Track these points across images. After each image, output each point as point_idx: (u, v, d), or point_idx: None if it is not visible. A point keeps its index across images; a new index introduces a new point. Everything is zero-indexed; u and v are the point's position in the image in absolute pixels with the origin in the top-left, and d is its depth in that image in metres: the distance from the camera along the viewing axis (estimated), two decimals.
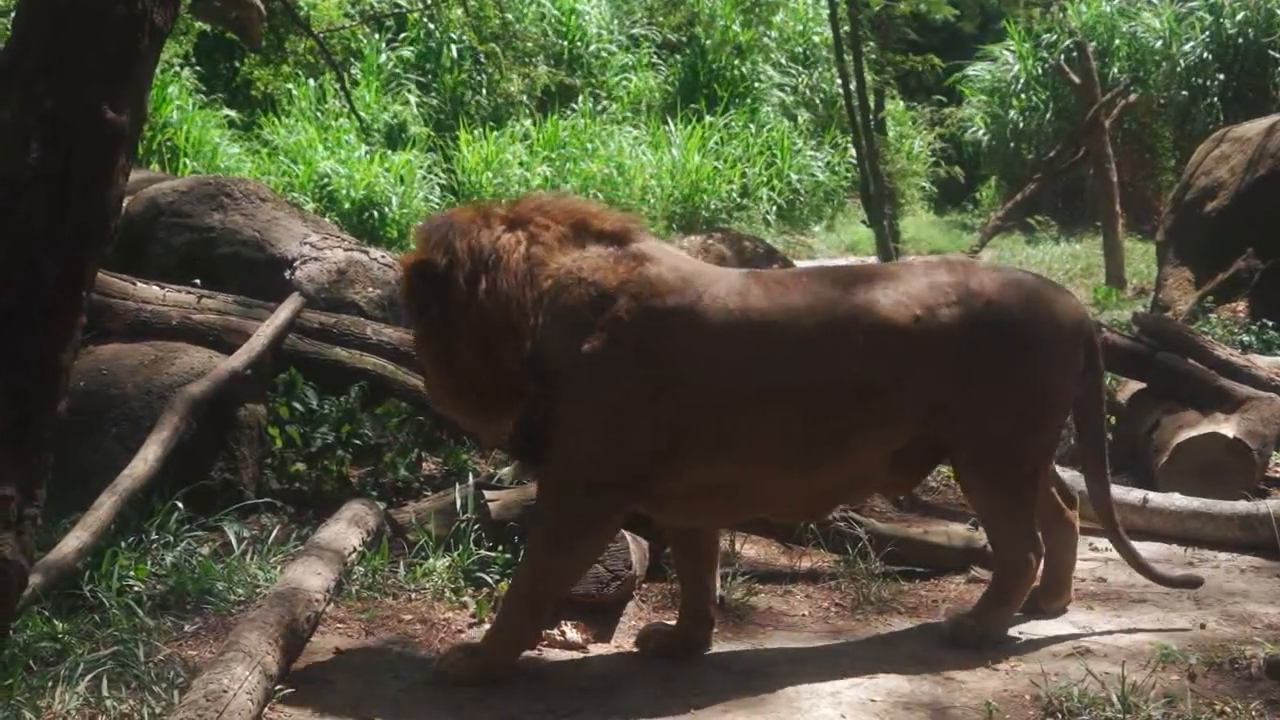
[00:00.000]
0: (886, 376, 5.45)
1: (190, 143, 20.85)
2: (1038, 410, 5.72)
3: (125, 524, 6.20)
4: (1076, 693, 4.93)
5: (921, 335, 5.46)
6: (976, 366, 5.51)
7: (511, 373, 5.34)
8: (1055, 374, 5.74)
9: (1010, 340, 5.57)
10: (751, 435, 5.36)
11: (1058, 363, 5.73)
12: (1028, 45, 24.94)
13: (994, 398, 5.57)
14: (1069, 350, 5.76)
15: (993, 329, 5.53)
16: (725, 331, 5.34)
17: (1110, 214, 17.23)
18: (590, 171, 22.36)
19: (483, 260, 5.39)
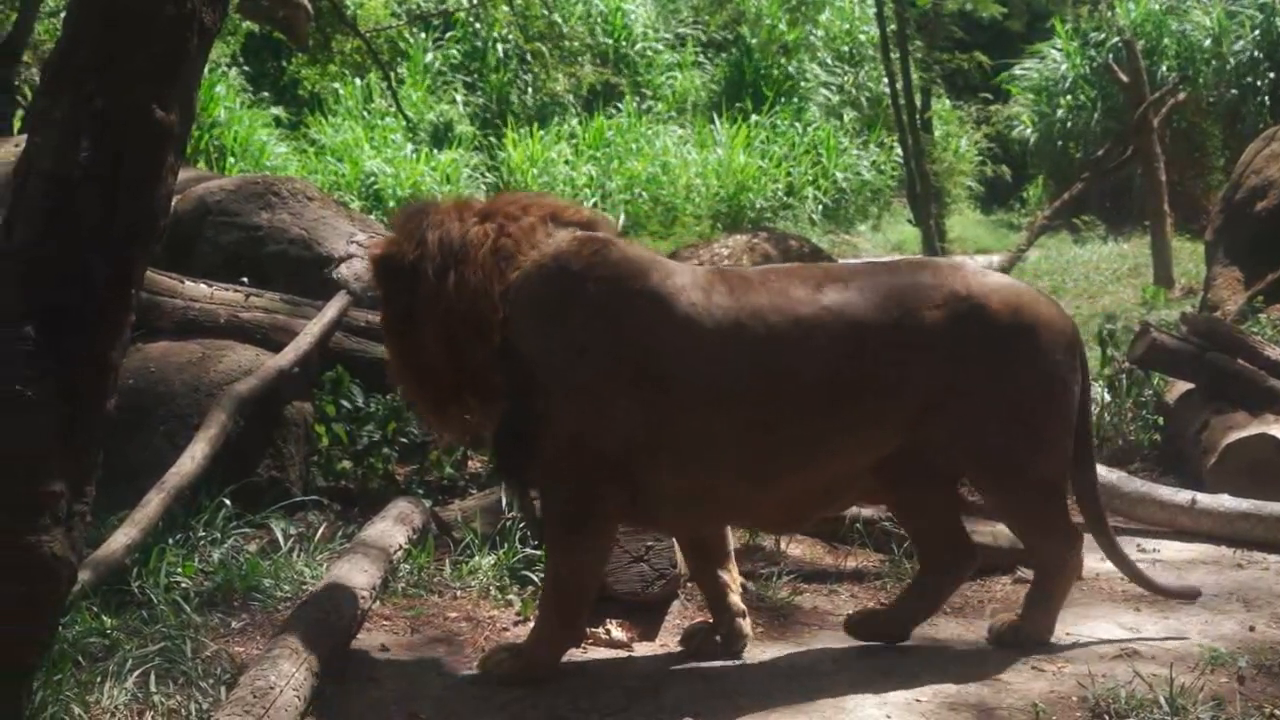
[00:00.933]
0: (862, 380, 5.31)
1: (237, 142, 20.98)
2: (1032, 415, 5.51)
3: (173, 521, 6.23)
4: (1124, 695, 4.90)
5: (903, 337, 5.33)
6: (964, 370, 5.38)
7: (477, 370, 5.33)
8: (1047, 378, 5.52)
9: (998, 343, 5.42)
10: (715, 436, 5.25)
11: (1049, 367, 5.51)
12: (1075, 43, 24.81)
13: (984, 402, 5.42)
14: (1061, 355, 5.53)
15: (981, 331, 5.39)
16: (688, 324, 5.23)
17: (1158, 213, 17.12)
18: (635, 170, 22.38)
19: (452, 253, 5.37)
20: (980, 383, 5.40)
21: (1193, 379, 8.47)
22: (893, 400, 5.34)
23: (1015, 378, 5.45)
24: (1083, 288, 17.25)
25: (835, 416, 5.29)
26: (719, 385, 5.22)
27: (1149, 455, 8.50)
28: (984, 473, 5.64)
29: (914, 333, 5.33)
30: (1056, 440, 5.59)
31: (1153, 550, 6.93)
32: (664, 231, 21.50)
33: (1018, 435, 5.47)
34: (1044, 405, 5.52)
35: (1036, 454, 5.53)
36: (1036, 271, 18.01)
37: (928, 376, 5.34)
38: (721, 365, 5.22)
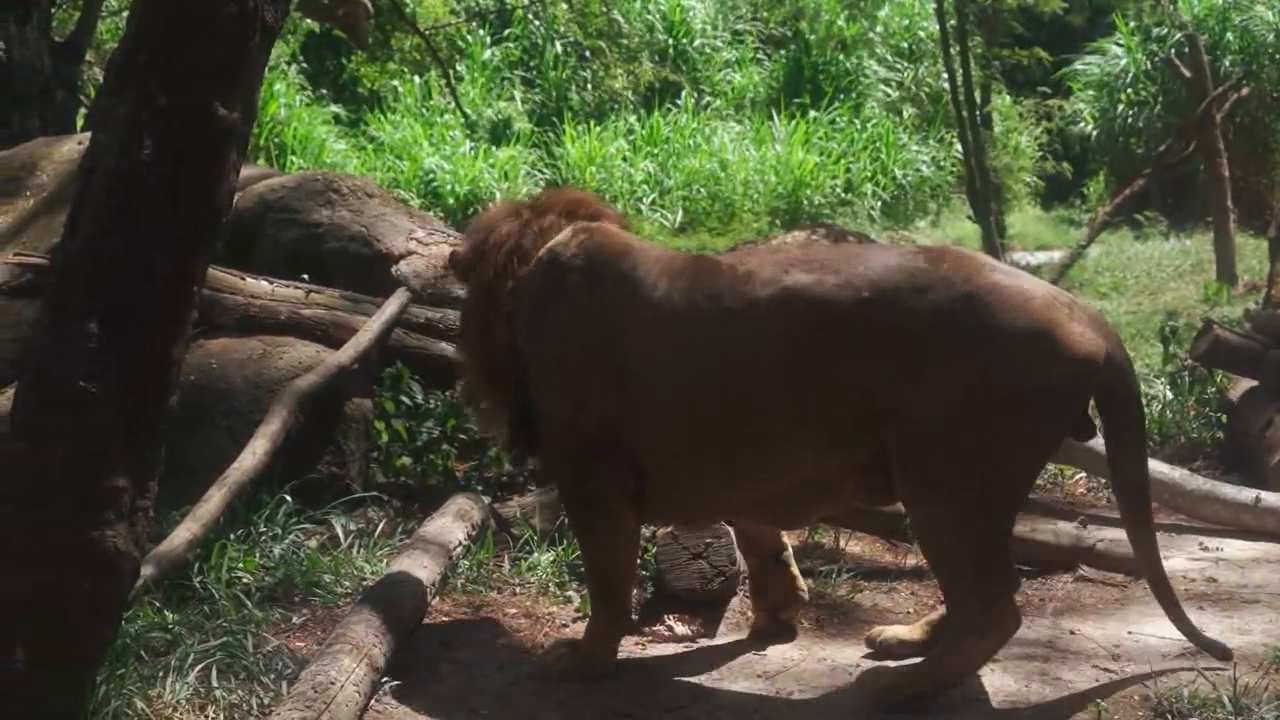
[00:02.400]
0: (820, 367, 4.93)
1: (297, 139, 21.10)
2: (1006, 441, 4.80)
3: (234, 517, 6.27)
4: (1187, 694, 4.86)
5: (867, 324, 4.87)
6: (932, 368, 4.81)
7: (496, 366, 5.47)
8: (1032, 407, 4.79)
9: (983, 349, 4.78)
10: (678, 423, 5.18)
11: (1040, 396, 4.78)
12: (1137, 39, 24.63)
13: (951, 412, 4.78)
14: (1062, 386, 4.79)
15: (964, 331, 4.78)
16: (649, 310, 5.18)
17: (1221, 209, 16.97)
18: (693, 167, 22.37)
19: (482, 254, 5.52)
20: (951, 384, 4.78)
21: (1256, 376, 8.39)
22: (854, 392, 4.89)
23: (993, 389, 4.76)
24: (1144, 284, 17.12)
25: (791, 405, 4.97)
26: (676, 371, 5.15)
27: (1211, 453, 8.44)
28: (932, 495, 4.91)
29: (883, 319, 4.86)
30: (1020, 476, 4.95)
31: (1215, 549, 6.87)
32: (722, 228, 21.48)
33: (983, 458, 4.79)
34: (1018, 440, 4.82)
35: (1000, 486, 4.86)
36: (1097, 268, 17.89)
37: (895, 370, 4.84)
38: (678, 351, 5.15)
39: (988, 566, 4.86)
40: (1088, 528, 6.80)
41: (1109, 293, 16.54)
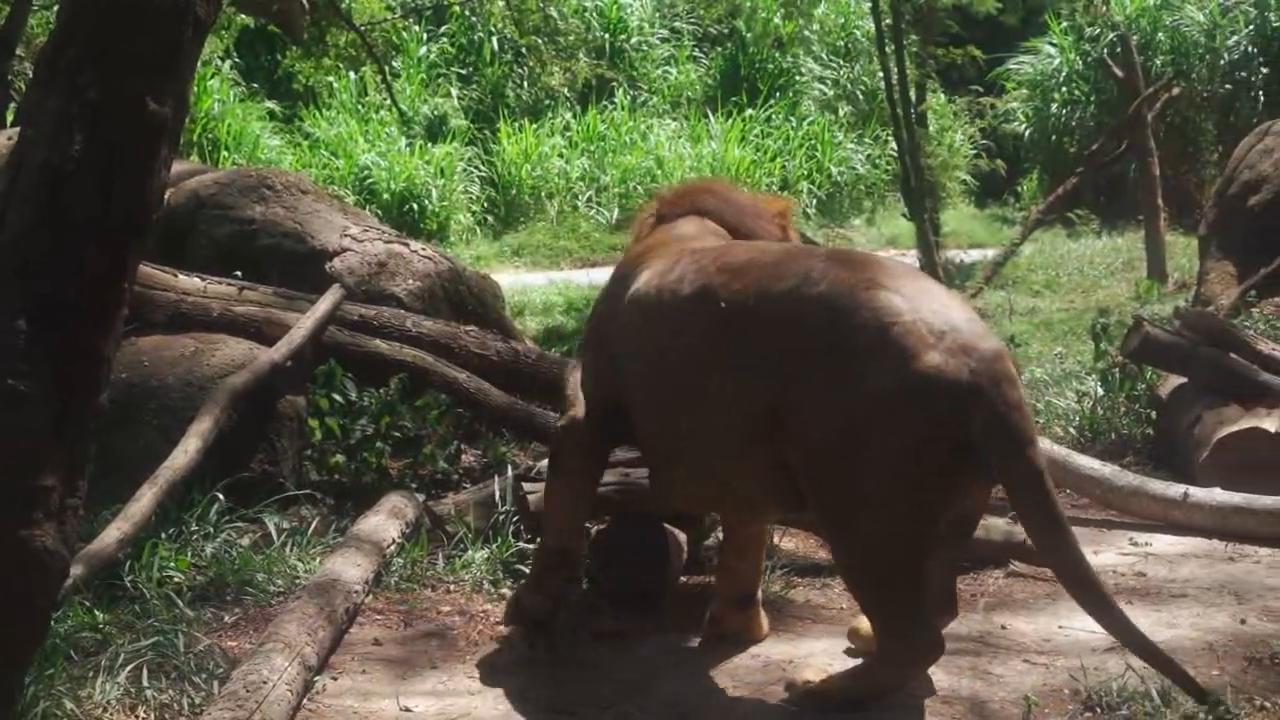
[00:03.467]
0: (721, 368, 4.96)
1: (231, 135, 21.00)
2: (874, 469, 4.61)
3: (165, 515, 6.23)
4: (1116, 687, 4.90)
5: (757, 326, 4.88)
6: (805, 383, 4.73)
7: None
8: (902, 429, 4.57)
9: (839, 365, 4.67)
10: (637, 412, 5.38)
11: (895, 420, 4.56)
12: (1070, 38, 24.82)
13: (825, 428, 4.68)
14: (912, 412, 4.55)
15: (823, 344, 4.71)
16: (628, 304, 5.46)
17: (1152, 208, 17.12)
18: (630, 164, 22.40)
19: None
20: (824, 408, 4.69)
21: (1186, 373, 8.46)
22: (749, 399, 4.86)
23: (862, 415, 4.62)
24: (1077, 282, 17.25)
25: (704, 402, 5.01)
26: (635, 364, 5.36)
27: (1142, 449, 8.50)
28: (816, 512, 4.93)
29: (767, 324, 4.85)
30: (902, 517, 4.65)
31: (1145, 544, 6.93)
32: None
33: (851, 483, 4.67)
34: (889, 462, 4.59)
35: (866, 511, 4.67)
36: (1031, 266, 18.00)
37: (777, 382, 4.79)
38: (636, 346, 5.36)
39: (890, 599, 4.77)
40: (1018, 523, 6.83)
41: (1042, 290, 16.65)
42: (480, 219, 21.66)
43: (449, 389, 7.93)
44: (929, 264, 14.91)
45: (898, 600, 4.74)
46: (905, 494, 4.61)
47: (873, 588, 4.82)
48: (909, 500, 4.62)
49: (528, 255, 20.33)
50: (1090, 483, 7.46)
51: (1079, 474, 7.50)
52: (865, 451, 4.60)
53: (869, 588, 4.85)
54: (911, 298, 4.69)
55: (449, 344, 8.18)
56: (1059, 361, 10.60)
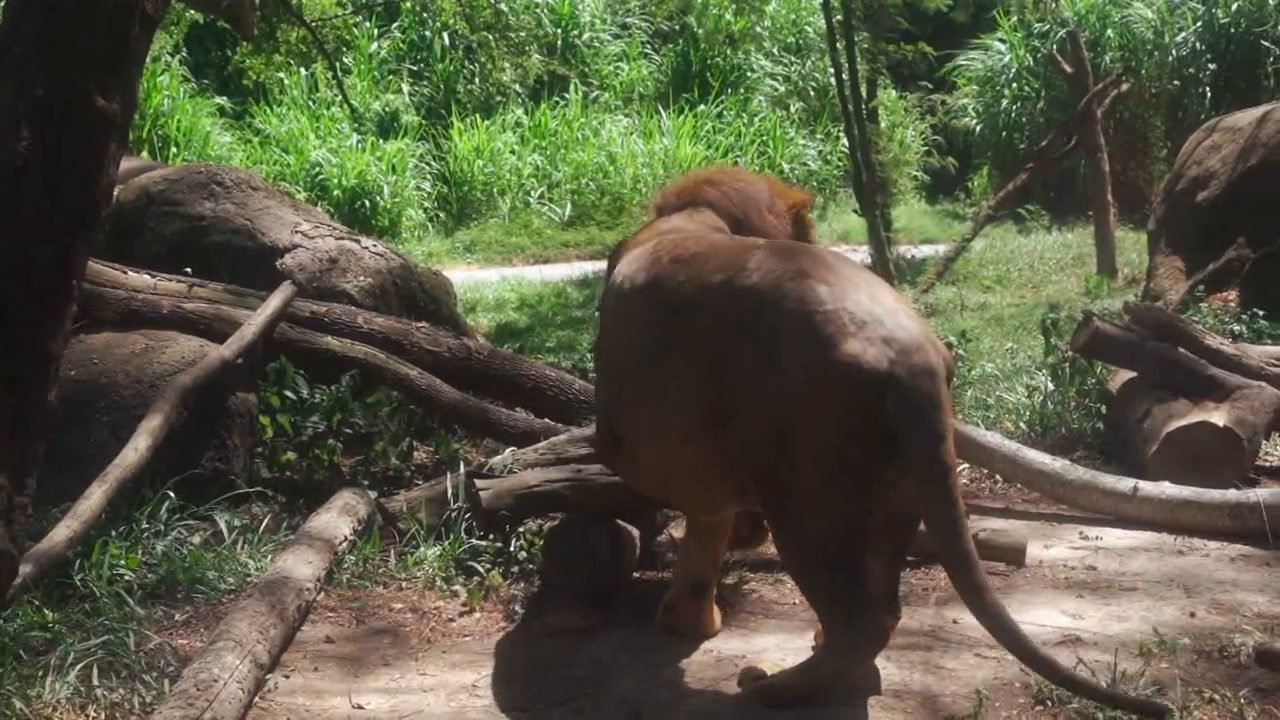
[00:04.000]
0: (673, 360, 5.04)
1: (181, 131, 20.90)
2: (802, 454, 4.67)
3: (116, 513, 6.20)
4: None
5: (697, 318, 4.95)
6: (737, 370, 4.82)
7: None
8: (826, 420, 4.63)
9: (765, 353, 4.74)
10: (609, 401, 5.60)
11: (830, 407, 4.61)
12: (1019, 35, 24.93)
13: (753, 420, 4.76)
14: (831, 397, 4.61)
15: (751, 332, 4.79)
16: (608, 294, 5.64)
17: (1102, 203, 17.22)
18: (582, 160, 22.40)
19: None
20: (753, 396, 4.77)
21: (1135, 368, 8.51)
22: (692, 388, 4.95)
23: (786, 404, 4.68)
24: (1027, 277, 17.32)
25: (657, 392, 5.09)
26: (607, 352, 5.61)
27: (1092, 443, 8.55)
28: (757, 502, 4.98)
29: (705, 315, 4.94)
30: (825, 494, 4.69)
31: (1095, 538, 6.97)
32: (610, 221, 21.50)
33: (782, 473, 4.73)
34: (812, 449, 4.66)
35: (798, 500, 4.73)
36: (981, 261, 18.07)
37: (717, 368, 4.87)
38: (607, 333, 5.60)
39: (830, 587, 4.80)
40: (970, 518, 6.86)
41: (993, 286, 16.71)
42: (432, 215, 21.62)
43: (401, 386, 7.91)
44: (880, 260, 14.96)
45: (838, 589, 4.78)
46: (832, 480, 4.66)
47: (812, 577, 4.88)
48: (837, 487, 4.67)
49: (480, 252, 20.30)
50: (1041, 477, 7.49)
51: (1030, 468, 7.54)
52: (793, 439, 4.67)
53: (809, 577, 4.92)
54: (837, 288, 4.75)
55: (400, 341, 8.17)
56: (1010, 357, 10.65)
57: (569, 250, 20.62)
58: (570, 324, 14.08)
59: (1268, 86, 21.50)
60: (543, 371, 8.31)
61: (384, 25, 24.33)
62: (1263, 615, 5.77)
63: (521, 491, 6.36)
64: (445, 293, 10.00)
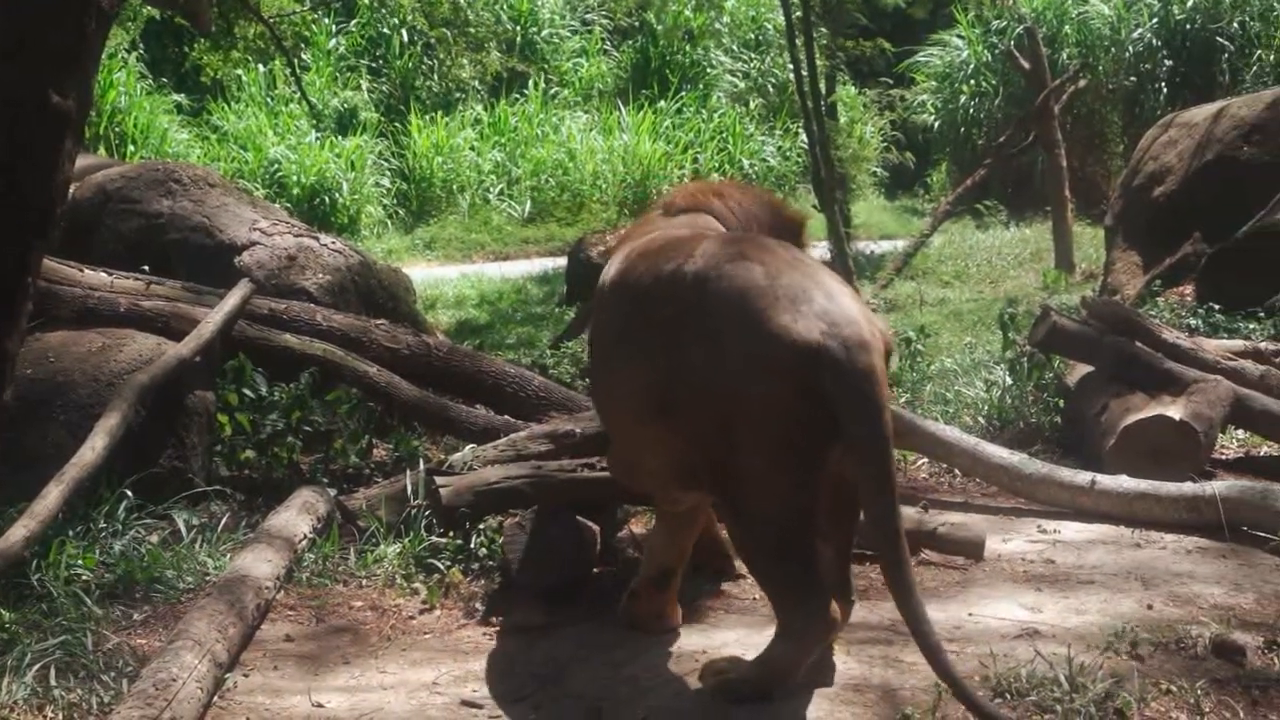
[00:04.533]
0: (633, 350, 5.12)
1: (138, 128, 20.81)
2: (740, 434, 4.71)
3: (73, 512, 6.17)
4: (1025, 673, 4.95)
5: (652, 306, 5.02)
6: (683, 354, 4.86)
7: None
8: (757, 396, 4.66)
9: (712, 336, 4.78)
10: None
11: (762, 383, 4.65)
12: (977, 31, 25.02)
13: (696, 404, 4.81)
14: (764, 372, 4.64)
15: (699, 317, 4.83)
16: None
17: (1059, 199, 17.31)
18: (541, 157, 22.41)
19: None
20: (695, 379, 4.81)
21: (1092, 362, 8.55)
22: (648, 376, 4.99)
23: (724, 383, 4.72)
24: (985, 272, 17.40)
25: (622, 380, 5.19)
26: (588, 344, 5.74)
27: (1050, 437, 8.59)
28: (707, 488, 5.06)
29: (656, 304, 5.02)
30: (768, 474, 4.72)
31: (1053, 531, 7.00)
32: (570, 218, 21.51)
33: (727, 456, 4.77)
34: (751, 427, 4.70)
35: (743, 483, 4.77)
36: (940, 257, 18.14)
37: (666, 354, 4.92)
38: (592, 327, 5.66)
39: (781, 571, 4.82)
40: (929, 512, 6.89)
41: (951, 281, 16.78)
42: (391, 212, 21.59)
43: (360, 383, 7.90)
44: (840, 256, 14.98)
45: (789, 575, 4.80)
46: (774, 461, 4.69)
47: (763, 563, 4.92)
48: (776, 464, 4.69)
49: (439, 249, 20.28)
50: (999, 471, 7.52)
51: (988, 462, 7.56)
52: (732, 419, 4.71)
53: (759, 563, 4.96)
54: (772, 268, 4.82)
55: (359, 338, 8.14)
56: (968, 351, 10.69)
57: (529, 247, 20.62)
58: (530, 320, 14.07)
59: (1223, 82, 21.67)
60: (502, 368, 8.29)
61: (342, 21, 24.26)
62: (1219, 607, 5.81)
63: (481, 488, 6.36)
64: (404, 290, 9.98)
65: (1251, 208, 11.56)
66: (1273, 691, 4.92)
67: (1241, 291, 10.96)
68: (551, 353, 10.47)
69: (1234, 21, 22.33)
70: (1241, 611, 5.75)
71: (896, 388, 9.61)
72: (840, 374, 4.59)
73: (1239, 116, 12.58)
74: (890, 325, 11.16)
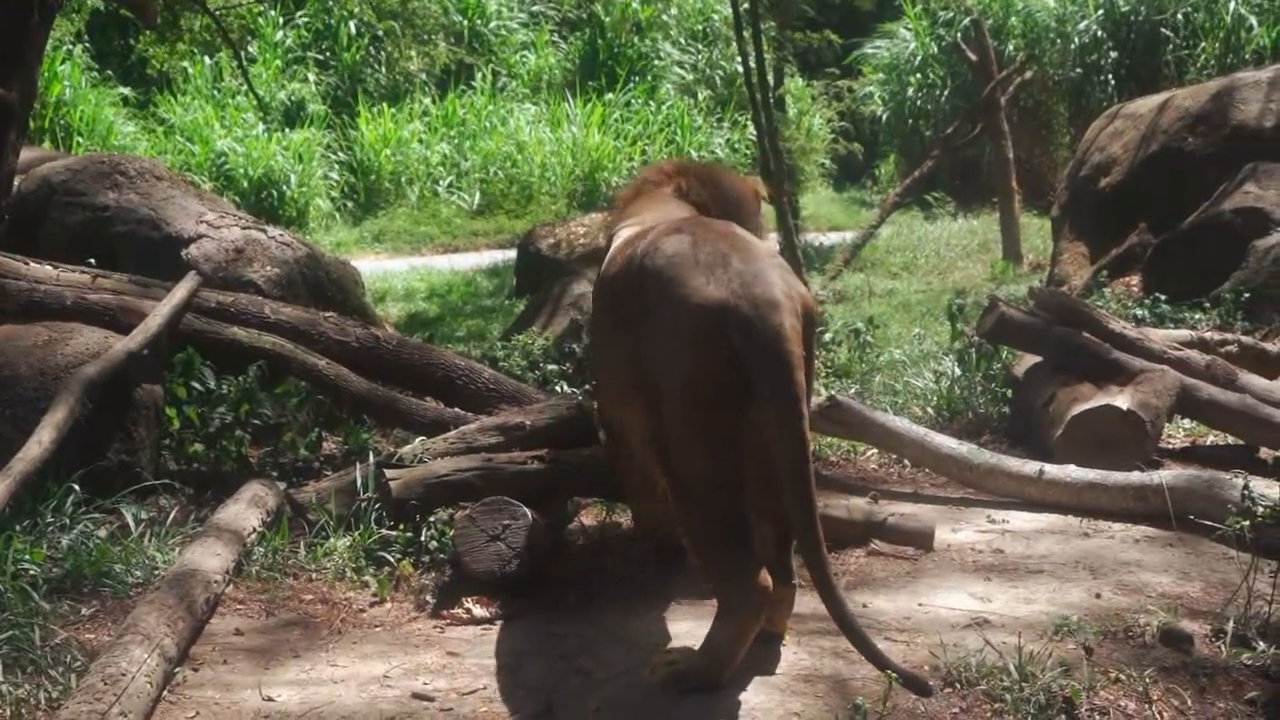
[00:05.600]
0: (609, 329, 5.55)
1: (84, 121, 20.68)
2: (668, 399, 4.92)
3: (20, 507, 6.11)
4: (974, 663, 4.98)
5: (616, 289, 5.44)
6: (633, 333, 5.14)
7: None
8: (671, 356, 4.89)
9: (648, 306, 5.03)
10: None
11: (675, 345, 4.88)
12: (924, 23, 25.12)
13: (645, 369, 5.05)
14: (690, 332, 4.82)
15: (639, 288, 5.12)
16: None
17: (1006, 190, 17.41)
18: (490, 149, 22.39)
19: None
20: (642, 351, 5.07)
21: (1040, 352, 8.61)
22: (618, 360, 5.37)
23: (653, 349, 5.00)
24: (934, 264, 17.48)
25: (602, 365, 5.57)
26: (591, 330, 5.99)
27: (998, 427, 8.64)
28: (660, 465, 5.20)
29: (617, 283, 5.44)
30: (686, 437, 4.90)
31: (1002, 521, 7.04)
32: (520, 210, 21.48)
33: (659, 420, 4.98)
34: (673, 390, 4.90)
35: (670, 449, 4.97)
36: (889, 248, 18.22)
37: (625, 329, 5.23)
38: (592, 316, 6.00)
39: (710, 544, 4.95)
40: (879, 503, 6.92)
41: (900, 272, 16.85)
42: (340, 205, 21.53)
43: (309, 376, 7.86)
44: (789, 247, 15.02)
45: (714, 545, 4.93)
46: (688, 419, 4.87)
47: (691, 535, 5.08)
48: (693, 425, 4.86)
49: (388, 241, 20.22)
50: (948, 461, 7.56)
51: (937, 453, 7.60)
52: (662, 383, 4.95)
53: (689, 536, 5.12)
54: (700, 238, 5.08)
55: (308, 331, 8.11)
56: (917, 342, 10.74)
57: (478, 239, 20.59)
58: (480, 313, 14.05)
59: (1168, 74, 21.81)
60: (452, 360, 8.26)
61: (289, 14, 24.16)
62: (1166, 595, 5.85)
63: (431, 481, 6.36)
64: (353, 282, 9.95)
65: (1196, 198, 11.66)
66: (1219, 679, 4.97)
67: (1187, 282, 11.05)
68: (502, 345, 10.46)
69: (1178, 13, 22.50)
70: (1189, 600, 5.80)
71: (845, 379, 9.64)
72: (749, 333, 4.75)
73: (1184, 107, 12.68)
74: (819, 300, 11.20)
